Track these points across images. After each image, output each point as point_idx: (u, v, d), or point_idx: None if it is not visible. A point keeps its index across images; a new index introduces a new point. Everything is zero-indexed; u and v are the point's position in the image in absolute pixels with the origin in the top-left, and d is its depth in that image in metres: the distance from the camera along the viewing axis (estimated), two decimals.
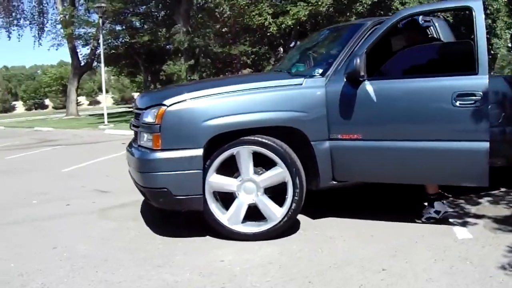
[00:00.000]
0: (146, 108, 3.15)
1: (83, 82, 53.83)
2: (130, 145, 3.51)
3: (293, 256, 2.80)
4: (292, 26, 16.16)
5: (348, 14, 14.89)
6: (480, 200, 3.79)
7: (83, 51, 28.84)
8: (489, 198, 3.83)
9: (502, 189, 4.07)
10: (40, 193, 4.96)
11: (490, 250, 2.73)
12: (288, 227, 3.11)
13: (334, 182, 3.21)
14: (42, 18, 27.03)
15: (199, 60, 19.60)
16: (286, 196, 3.06)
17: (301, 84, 3.13)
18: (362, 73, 2.98)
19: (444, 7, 4.09)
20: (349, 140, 3.12)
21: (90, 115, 26.20)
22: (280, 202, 3.09)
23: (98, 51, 24.21)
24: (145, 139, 3.07)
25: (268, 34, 17.08)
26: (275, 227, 3.06)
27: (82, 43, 25.42)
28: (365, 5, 14.13)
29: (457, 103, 2.91)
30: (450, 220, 3.32)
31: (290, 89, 3.12)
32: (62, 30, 24.27)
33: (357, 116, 3.10)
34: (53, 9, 25.82)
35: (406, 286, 2.33)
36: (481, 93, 2.88)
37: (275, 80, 3.24)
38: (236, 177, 3.10)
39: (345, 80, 3.10)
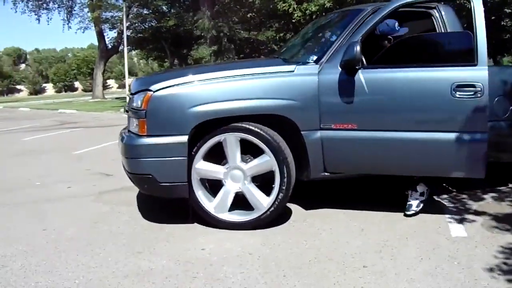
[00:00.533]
0: (135, 93, 3.14)
1: (113, 65, 54.82)
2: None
3: (275, 247, 2.75)
4: (318, 13, 15.86)
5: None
6: (484, 196, 3.64)
7: (110, 35, 29.11)
8: (494, 194, 3.67)
9: (511, 185, 3.89)
10: (45, 175, 5.06)
11: (482, 251, 2.61)
12: (275, 217, 3.05)
13: (326, 174, 3.13)
14: (70, 1, 27.39)
15: (223, 46, 19.54)
16: (273, 186, 3.00)
17: (293, 71, 3.04)
18: (360, 62, 2.90)
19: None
20: (343, 130, 3.02)
21: (116, 98, 26.64)
22: (269, 191, 3.03)
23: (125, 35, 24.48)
24: (134, 124, 3.06)
25: (293, 20, 16.84)
26: (262, 217, 3.01)
27: (109, 26, 25.81)
28: None
29: (457, 94, 2.87)
30: (447, 216, 3.19)
31: (281, 76, 3.03)
32: (89, 14, 24.60)
33: (352, 105, 3.01)
34: None
35: (384, 286, 2.24)
36: (480, 84, 2.82)
37: (266, 66, 3.17)
38: (223, 165, 3.06)
39: (340, 68, 3.00)
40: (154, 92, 2.94)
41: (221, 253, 2.67)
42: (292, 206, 3.46)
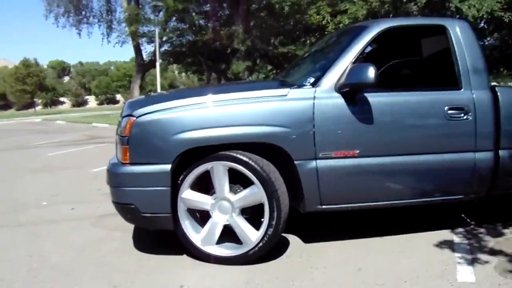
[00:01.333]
0: (123, 117, 3.06)
1: (154, 78, 56.18)
2: None
3: (258, 287, 2.56)
4: None
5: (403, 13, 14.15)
6: (504, 231, 3.31)
7: (148, 48, 29.84)
8: None
9: None
10: (55, 194, 5.09)
11: None
12: (265, 253, 2.87)
13: (323, 207, 2.93)
14: (110, 16, 28.35)
15: (256, 61, 19.58)
16: (262, 220, 2.82)
17: (286, 95, 2.87)
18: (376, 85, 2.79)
19: (418, 23, 3.82)
20: (343, 158, 2.84)
21: None
22: (260, 224, 2.86)
23: (162, 49, 25.07)
24: (119, 151, 2.98)
25: (326, 33, 16.68)
26: (249, 253, 2.84)
27: (147, 40, 26.45)
28: (419, 4, 13.29)
29: (449, 116, 2.96)
30: (457, 255, 2.90)
31: (272, 100, 2.87)
32: (126, 28, 25.31)
33: (354, 130, 2.86)
34: (120, 7, 26.98)
35: None
36: (468, 106, 2.97)
37: (258, 90, 3.02)
38: (211, 195, 2.91)
39: (338, 91, 2.83)
40: (137, 117, 2.85)
41: None
42: (291, 237, 3.27)
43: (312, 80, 2.97)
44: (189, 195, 2.89)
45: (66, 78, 68.06)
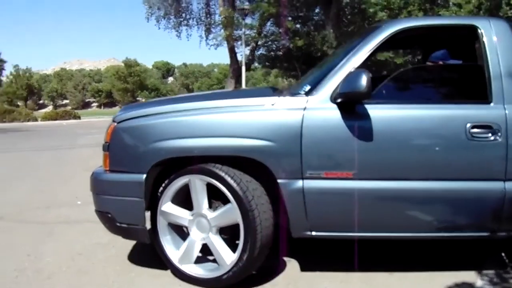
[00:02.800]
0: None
1: (258, 82, 57.30)
2: None
3: None
4: None
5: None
6: None
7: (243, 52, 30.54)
8: None
9: None
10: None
11: None
12: (242, 279, 2.62)
13: (312, 233, 2.61)
14: (209, 18, 29.44)
15: None
16: (237, 242, 2.59)
17: (273, 104, 2.60)
18: (369, 95, 2.42)
19: (443, 23, 3.14)
20: (335, 179, 2.50)
21: None
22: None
23: (258, 53, 25.53)
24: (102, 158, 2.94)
25: None
26: (224, 277, 2.62)
27: (241, 44, 27.05)
28: None
29: (472, 136, 2.46)
30: None
31: (257, 110, 2.62)
32: (222, 31, 26.12)
33: (350, 149, 2.50)
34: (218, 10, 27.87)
35: None
36: (498, 124, 2.45)
37: (246, 97, 2.78)
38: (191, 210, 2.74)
39: (332, 101, 2.51)
40: (117, 123, 2.78)
41: None
42: (291, 262, 3.01)
43: (307, 88, 2.66)
44: (168, 209, 2.75)
45: (170, 79, 72.43)
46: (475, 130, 2.44)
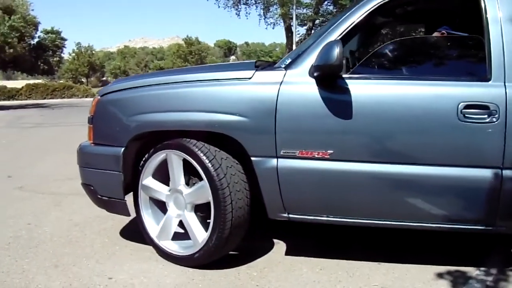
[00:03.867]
0: None
1: None
2: None
3: None
4: None
5: None
6: None
7: (300, 31, 30.06)
8: None
9: None
10: None
11: None
12: (214, 259, 2.59)
13: (289, 216, 2.52)
14: None
15: None
16: (208, 221, 2.55)
17: (249, 78, 2.51)
18: (341, 68, 2.27)
19: None
20: (310, 159, 2.38)
21: None
22: None
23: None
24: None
25: None
26: (196, 255, 2.59)
27: (299, 23, 26.62)
28: None
29: (464, 117, 2.21)
30: None
31: (233, 84, 2.53)
32: (278, 10, 25.84)
33: (327, 126, 2.36)
34: None
35: None
36: (495, 104, 2.19)
37: (225, 71, 2.69)
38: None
39: (310, 76, 2.38)
40: (100, 96, 2.81)
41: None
42: (279, 243, 2.95)
43: (288, 61, 2.54)
44: (149, 183, 2.76)
45: (232, 58, 72.99)
46: (469, 110, 2.21)
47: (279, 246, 2.96)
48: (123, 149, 2.67)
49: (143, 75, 3.33)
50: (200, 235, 2.59)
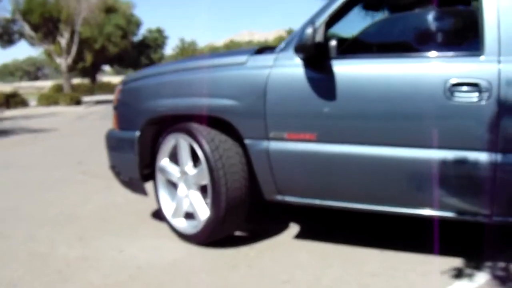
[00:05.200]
0: None
1: None
2: None
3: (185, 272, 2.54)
4: None
5: None
6: None
7: None
8: None
9: None
10: None
11: None
12: (212, 238, 2.78)
13: (284, 198, 2.63)
14: None
15: None
16: (206, 201, 2.75)
17: (243, 63, 2.65)
18: (312, 48, 2.30)
19: None
20: (297, 141, 2.48)
21: None
22: None
23: None
24: None
25: None
26: (199, 234, 2.80)
27: None
28: None
29: (452, 95, 2.13)
30: None
31: (229, 69, 2.69)
32: None
33: (311, 108, 2.43)
34: None
35: None
36: (486, 83, 2.08)
37: (227, 57, 2.85)
38: None
39: (295, 57, 2.47)
40: (122, 85, 3.14)
41: (126, 261, 2.67)
42: (293, 227, 3.08)
43: (283, 45, 2.63)
44: (163, 165, 3.03)
45: None
46: (457, 88, 2.13)
47: (289, 229, 3.06)
48: (138, 132, 2.96)
49: (160, 64, 3.61)
50: (202, 214, 2.79)
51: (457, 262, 2.45)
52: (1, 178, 5.19)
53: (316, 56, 2.35)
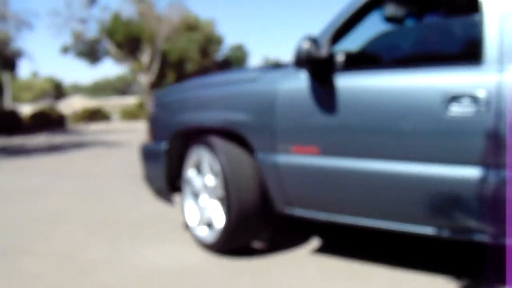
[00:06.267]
0: None
1: None
2: None
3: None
4: None
5: None
6: None
7: None
8: None
9: None
10: None
11: None
12: (228, 248, 2.94)
13: (295, 210, 2.74)
14: None
15: None
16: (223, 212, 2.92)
17: (255, 79, 2.83)
18: (304, 62, 2.42)
19: None
20: (302, 154, 2.59)
21: None
22: None
23: None
24: None
25: None
26: (216, 242, 2.97)
27: None
28: None
29: (451, 110, 2.11)
30: None
31: (243, 84, 2.89)
32: None
33: (313, 122, 2.54)
34: None
35: None
36: (484, 93, 2.02)
37: (242, 74, 3.05)
38: None
39: (301, 72, 2.60)
40: (155, 100, 3.46)
41: (143, 264, 2.91)
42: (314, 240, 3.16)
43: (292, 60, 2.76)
44: (188, 176, 3.25)
45: None
46: (453, 101, 2.09)
47: (308, 244, 3.13)
48: (166, 144, 3.23)
49: (188, 80, 3.86)
50: (219, 223, 2.96)
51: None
52: (63, 187, 5.73)
53: (319, 71, 2.45)
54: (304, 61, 2.37)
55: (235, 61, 44.22)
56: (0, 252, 3.18)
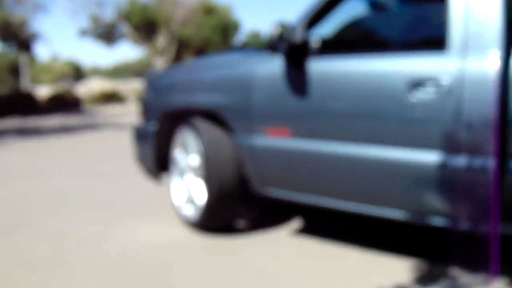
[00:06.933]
0: None
1: None
2: None
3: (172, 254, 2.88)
4: None
5: None
6: None
7: None
8: None
9: None
10: None
11: None
12: (209, 224, 3.09)
13: (272, 191, 2.85)
14: None
15: None
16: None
17: (236, 61, 2.97)
18: (274, 47, 2.58)
19: None
20: (276, 136, 2.71)
21: None
22: None
23: None
24: None
25: None
26: (198, 220, 3.10)
27: None
28: None
29: (414, 95, 2.18)
30: None
31: (224, 68, 3.04)
32: None
33: (288, 104, 2.64)
34: None
35: None
36: (447, 78, 2.10)
37: (223, 58, 3.17)
38: None
39: (276, 55, 2.70)
40: (146, 82, 3.60)
41: (130, 240, 3.06)
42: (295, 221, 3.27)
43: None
44: (175, 155, 3.39)
45: None
46: (417, 86, 2.16)
47: (292, 226, 3.24)
48: (155, 124, 3.38)
49: (177, 64, 3.98)
50: (201, 201, 3.09)
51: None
52: (68, 168, 5.94)
53: (293, 55, 2.53)
54: (275, 45, 2.47)
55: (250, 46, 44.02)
56: (0, 228, 3.37)
